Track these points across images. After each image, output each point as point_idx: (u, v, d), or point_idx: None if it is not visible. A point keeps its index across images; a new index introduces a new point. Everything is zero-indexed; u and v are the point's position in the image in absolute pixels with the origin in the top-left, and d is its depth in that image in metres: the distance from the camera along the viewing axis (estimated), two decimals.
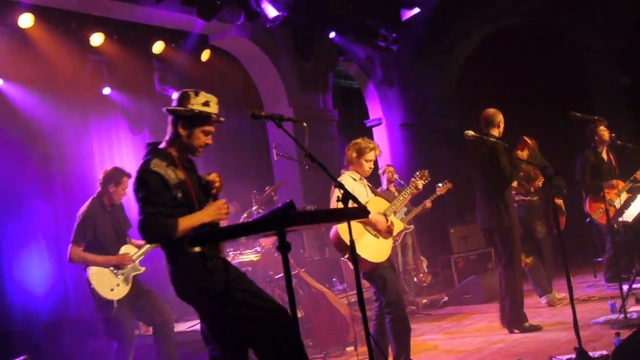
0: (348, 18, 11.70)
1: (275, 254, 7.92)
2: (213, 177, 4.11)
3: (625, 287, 6.53)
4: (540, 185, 7.98)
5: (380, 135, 13.72)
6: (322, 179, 3.91)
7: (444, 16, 13.76)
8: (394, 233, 5.79)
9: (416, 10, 12.70)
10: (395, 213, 5.93)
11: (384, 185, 9.77)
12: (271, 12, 10.21)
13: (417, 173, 6.37)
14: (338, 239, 5.54)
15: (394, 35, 12.51)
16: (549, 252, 8.29)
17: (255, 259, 8.29)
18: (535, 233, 8.15)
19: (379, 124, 13.81)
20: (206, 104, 3.98)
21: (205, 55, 10.30)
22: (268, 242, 8.12)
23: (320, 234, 10.06)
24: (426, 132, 14.23)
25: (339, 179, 5.66)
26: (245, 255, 8.41)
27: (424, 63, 14.36)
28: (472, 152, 7.02)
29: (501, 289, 6.91)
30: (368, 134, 13.86)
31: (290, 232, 3.28)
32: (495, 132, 6.83)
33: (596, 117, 7.45)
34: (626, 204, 7.55)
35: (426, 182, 6.37)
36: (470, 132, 6.15)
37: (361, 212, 3.72)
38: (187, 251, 3.78)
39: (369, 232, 5.65)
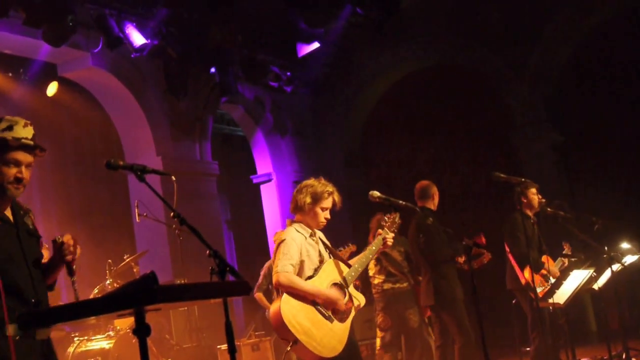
0: (233, 51, 11.78)
1: (134, 340, 7.69)
2: (68, 239, 3.88)
3: None
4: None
5: (270, 194, 13.75)
6: (196, 246, 3.83)
7: (349, 53, 14.08)
8: (354, 312, 5.45)
9: (315, 45, 12.92)
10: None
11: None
12: (137, 39, 10.12)
13: (386, 218, 5.88)
14: (280, 322, 5.14)
15: (289, 74, 12.69)
16: (424, 343, 8.59)
17: (107, 346, 8.02)
18: (409, 323, 8.46)
19: (269, 181, 13.84)
20: (8, 128, 3.80)
21: (52, 88, 10.09)
22: (124, 324, 7.89)
23: (192, 315, 9.86)
24: None
25: (281, 238, 5.42)
26: (94, 342, 8.13)
27: (324, 109, 14.60)
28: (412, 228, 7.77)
29: None
30: (254, 191, 13.89)
31: (151, 312, 3.18)
32: (431, 204, 7.80)
33: (523, 179, 7.72)
34: (557, 283, 7.78)
35: (397, 231, 5.90)
36: (376, 193, 6.19)
37: (242, 288, 3.66)
38: None
39: (321, 312, 5.28)
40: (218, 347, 9.49)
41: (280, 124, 13.95)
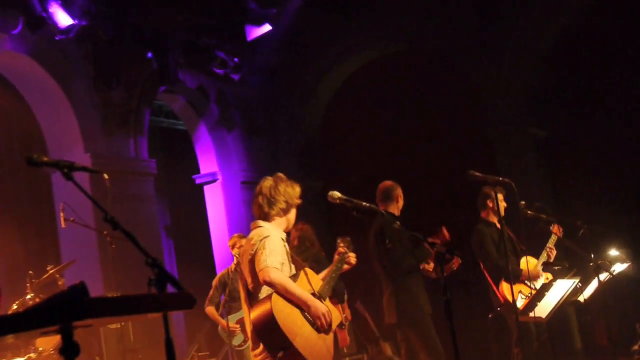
0: (174, 34, 11.73)
1: None
2: None
3: None
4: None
5: (215, 195, 13.71)
6: (130, 255, 3.81)
7: (305, 38, 14.08)
8: (334, 325, 5.60)
9: (267, 27, 12.91)
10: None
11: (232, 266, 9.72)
12: (63, 19, 10.05)
13: (339, 241, 6.15)
14: (271, 324, 5.15)
15: (236, 60, 12.66)
16: None
17: None
18: None
19: (213, 181, 13.81)
20: None
21: None
22: (48, 344, 7.82)
23: (125, 333, 9.79)
24: None
25: (264, 234, 5.48)
26: None
27: (278, 100, 14.60)
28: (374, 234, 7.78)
29: None
30: (197, 193, 13.84)
31: (80, 329, 3.15)
32: (394, 208, 7.81)
33: (501, 178, 7.76)
34: (539, 295, 7.83)
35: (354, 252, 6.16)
36: (336, 194, 6.18)
37: (186, 301, 3.64)
38: None
39: (308, 319, 5.38)
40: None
41: (227, 117, 13.91)
